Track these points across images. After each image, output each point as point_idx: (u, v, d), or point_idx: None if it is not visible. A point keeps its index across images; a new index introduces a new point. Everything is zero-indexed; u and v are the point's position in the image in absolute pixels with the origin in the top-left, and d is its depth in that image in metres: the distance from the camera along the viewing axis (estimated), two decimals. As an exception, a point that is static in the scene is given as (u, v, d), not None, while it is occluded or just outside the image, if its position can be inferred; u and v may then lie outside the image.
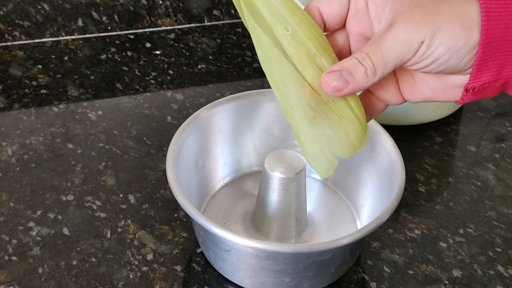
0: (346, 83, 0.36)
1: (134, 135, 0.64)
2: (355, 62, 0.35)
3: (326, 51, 0.37)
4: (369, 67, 0.35)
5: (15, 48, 0.76)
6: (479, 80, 0.36)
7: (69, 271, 0.49)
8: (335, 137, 0.39)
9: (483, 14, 0.34)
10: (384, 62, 0.35)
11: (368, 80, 0.36)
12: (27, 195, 0.56)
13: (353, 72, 0.35)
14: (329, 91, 0.36)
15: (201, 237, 0.49)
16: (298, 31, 0.36)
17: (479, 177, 0.62)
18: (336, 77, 0.36)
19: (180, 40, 0.81)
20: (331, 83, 0.36)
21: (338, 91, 0.36)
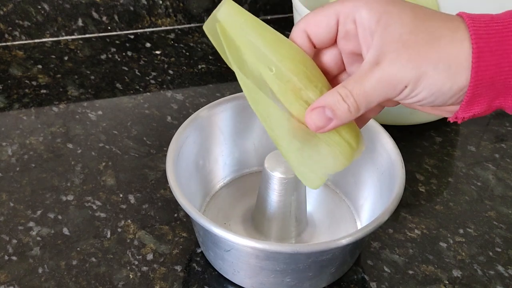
0: (329, 121, 0.36)
1: (134, 135, 0.64)
2: (338, 99, 0.36)
3: (312, 82, 0.38)
4: (351, 105, 0.35)
5: (15, 48, 0.76)
6: (468, 112, 0.36)
7: (69, 271, 0.49)
8: (324, 161, 0.39)
9: (475, 56, 0.33)
10: (367, 101, 0.35)
11: (351, 116, 0.36)
12: (27, 195, 0.56)
13: (336, 109, 0.36)
14: (313, 129, 0.37)
15: (201, 237, 0.49)
16: (281, 68, 0.37)
17: (479, 177, 0.62)
18: (318, 116, 0.36)
19: (180, 40, 0.81)
20: (313, 122, 0.37)
21: (321, 128, 0.37)
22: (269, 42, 0.37)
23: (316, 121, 0.37)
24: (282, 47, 0.38)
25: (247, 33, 0.37)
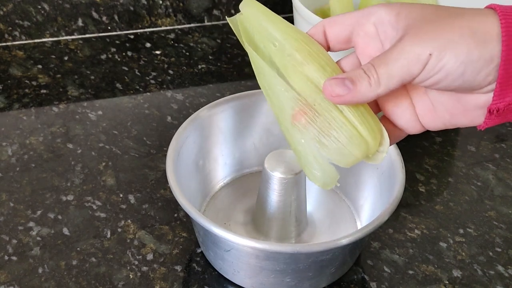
0: (347, 90, 0.35)
1: (134, 135, 0.64)
2: (359, 72, 0.35)
3: (315, 59, 0.38)
4: (373, 78, 0.34)
5: (15, 48, 0.76)
6: (503, 100, 0.33)
7: (69, 271, 0.49)
8: (329, 146, 0.38)
9: (504, 29, 0.32)
10: (389, 73, 0.34)
11: (371, 91, 0.34)
12: (27, 195, 0.56)
13: (356, 81, 0.34)
14: (328, 95, 0.36)
15: (201, 237, 0.49)
16: (285, 45, 0.38)
17: (479, 177, 0.62)
18: (337, 84, 0.35)
19: (180, 40, 0.81)
20: (330, 88, 0.35)
21: (338, 97, 0.35)
22: (278, 25, 0.39)
23: (334, 87, 0.35)
24: (289, 30, 0.39)
25: (261, 18, 0.39)
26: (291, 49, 0.38)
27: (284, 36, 0.38)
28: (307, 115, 0.37)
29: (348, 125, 0.37)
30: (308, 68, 0.37)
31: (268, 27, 0.39)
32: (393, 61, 0.33)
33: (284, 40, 0.38)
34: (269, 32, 0.39)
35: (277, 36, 0.38)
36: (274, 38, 0.38)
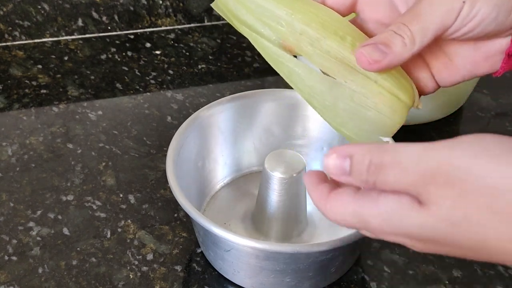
0: (383, 55, 0.32)
1: (134, 135, 0.64)
2: (390, 34, 0.32)
3: (330, 29, 0.34)
4: (406, 36, 0.32)
5: (15, 48, 0.76)
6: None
7: (69, 271, 0.49)
8: (372, 119, 0.35)
9: None
10: (423, 28, 0.32)
11: (407, 50, 0.32)
12: (27, 195, 0.56)
13: (390, 43, 0.32)
14: (366, 64, 0.33)
15: (201, 237, 0.49)
16: (293, 23, 0.34)
17: (479, 177, 0.61)
18: (372, 50, 0.33)
19: (180, 40, 0.81)
20: (368, 55, 0.33)
21: (376, 63, 0.33)
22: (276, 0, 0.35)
23: (369, 54, 0.33)
24: (291, 1, 0.35)
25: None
26: (302, 26, 0.34)
27: (288, 12, 0.34)
28: (332, 91, 0.34)
29: (386, 94, 0.35)
30: (327, 43, 0.34)
31: (266, 5, 0.35)
32: (425, 14, 0.32)
33: (290, 17, 0.34)
34: (271, 11, 0.35)
35: (282, 14, 0.35)
36: (278, 17, 0.35)
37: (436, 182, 0.26)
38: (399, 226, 0.26)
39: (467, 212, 0.25)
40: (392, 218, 0.27)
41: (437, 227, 0.26)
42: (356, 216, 0.28)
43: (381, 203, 0.27)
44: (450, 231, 0.25)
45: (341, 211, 0.29)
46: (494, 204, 0.24)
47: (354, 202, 0.28)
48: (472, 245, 0.25)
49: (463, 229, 0.25)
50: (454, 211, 0.25)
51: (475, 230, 0.25)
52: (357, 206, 0.28)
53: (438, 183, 0.25)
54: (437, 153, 0.26)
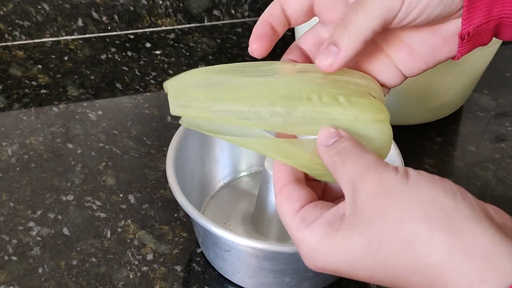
0: (335, 55, 0.33)
1: (134, 135, 0.64)
2: (338, 30, 0.33)
3: (295, 97, 0.34)
4: (352, 27, 0.33)
5: (15, 48, 0.76)
6: (471, 23, 0.33)
7: (69, 271, 0.49)
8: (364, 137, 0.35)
9: None
10: (367, 18, 0.33)
11: (356, 41, 0.33)
12: (27, 195, 0.56)
13: (338, 39, 0.33)
14: (324, 69, 0.34)
15: (201, 237, 0.49)
16: (258, 110, 0.33)
17: (479, 177, 0.62)
18: (324, 54, 0.34)
19: (180, 40, 0.81)
20: (321, 63, 0.34)
21: (332, 65, 0.34)
22: (229, 97, 0.33)
23: (323, 60, 0.34)
24: (241, 92, 0.34)
25: (205, 107, 0.33)
26: (268, 108, 0.33)
27: (248, 103, 0.33)
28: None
29: (369, 123, 0.35)
30: (299, 111, 0.33)
31: (223, 108, 0.33)
32: (370, 3, 0.32)
33: (251, 107, 0.33)
34: (230, 111, 0.33)
35: (242, 109, 0.33)
36: (240, 112, 0.33)
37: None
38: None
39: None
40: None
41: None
42: (291, 234, 0.32)
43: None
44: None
45: (283, 215, 0.33)
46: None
47: (292, 220, 0.32)
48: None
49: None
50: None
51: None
52: (292, 227, 0.32)
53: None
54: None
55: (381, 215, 0.28)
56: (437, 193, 0.28)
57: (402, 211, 0.27)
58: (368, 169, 0.30)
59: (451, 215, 0.27)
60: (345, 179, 0.31)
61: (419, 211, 0.27)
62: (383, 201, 0.28)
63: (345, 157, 0.31)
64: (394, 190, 0.28)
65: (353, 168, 0.30)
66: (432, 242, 0.26)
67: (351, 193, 0.30)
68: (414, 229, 0.27)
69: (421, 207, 0.27)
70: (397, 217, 0.27)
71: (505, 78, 0.78)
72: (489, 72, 0.72)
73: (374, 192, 0.29)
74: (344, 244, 0.29)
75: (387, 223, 0.28)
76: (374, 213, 0.28)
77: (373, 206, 0.28)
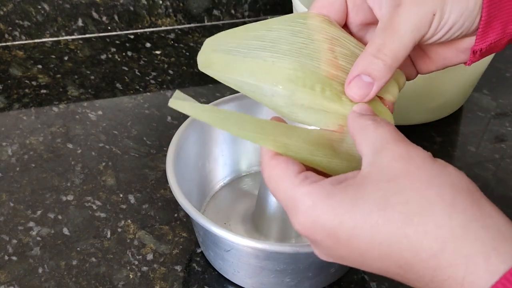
0: (370, 86, 0.34)
1: (134, 135, 0.64)
2: (370, 60, 0.34)
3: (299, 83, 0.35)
4: (386, 58, 0.34)
5: (15, 48, 0.76)
6: (485, 41, 0.36)
7: (69, 271, 0.49)
8: None
9: None
10: (401, 45, 0.34)
11: (390, 69, 0.34)
12: (27, 195, 0.56)
13: (372, 70, 0.34)
14: (358, 100, 0.35)
15: (201, 237, 0.49)
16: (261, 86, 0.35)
17: (479, 177, 0.62)
18: (357, 85, 0.34)
19: (180, 40, 0.81)
20: (355, 94, 0.35)
21: (366, 96, 0.35)
22: (241, 69, 0.36)
23: (358, 91, 0.34)
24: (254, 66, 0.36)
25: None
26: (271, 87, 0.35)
27: (255, 78, 0.35)
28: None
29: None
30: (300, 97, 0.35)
31: (239, 78, 0.36)
32: (403, 29, 0.34)
33: (258, 82, 0.35)
34: (243, 81, 0.35)
35: (250, 82, 0.35)
36: (248, 84, 0.35)
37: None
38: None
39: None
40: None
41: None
42: (288, 198, 0.33)
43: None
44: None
45: (279, 179, 0.33)
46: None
47: (293, 179, 0.32)
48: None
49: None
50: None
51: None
52: (292, 185, 0.32)
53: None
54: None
55: (408, 175, 0.28)
56: (463, 176, 0.30)
57: (430, 176, 0.28)
58: (400, 139, 0.30)
59: (473, 192, 0.30)
60: (372, 142, 0.31)
61: (446, 179, 0.29)
62: (412, 164, 0.29)
63: (380, 124, 0.32)
64: (424, 160, 0.29)
65: (386, 134, 0.31)
66: (455, 207, 0.28)
67: (373, 154, 0.30)
68: (441, 191, 0.28)
69: (448, 177, 0.29)
70: (424, 179, 0.28)
71: (505, 78, 0.78)
72: (489, 72, 0.72)
73: (402, 155, 0.29)
74: (356, 197, 0.28)
75: (413, 183, 0.28)
76: (400, 171, 0.28)
77: (400, 165, 0.29)
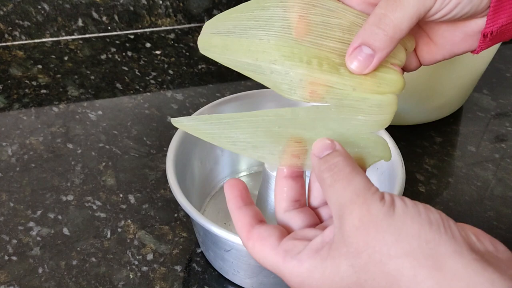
0: (370, 57, 0.33)
1: (134, 135, 0.64)
2: (371, 30, 0.33)
3: (296, 58, 0.35)
4: (388, 28, 0.32)
5: (15, 48, 0.76)
6: (496, 22, 0.34)
7: (69, 271, 0.49)
8: (358, 125, 0.36)
9: None
10: (406, 14, 0.32)
11: (392, 41, 0.33)
12: (27, 195, 0.56)
13: (373, 41, 0.33)
14: (358, 72, 0.34)
15: (201, 237, 0.49)
16: (260, 64, 0.35)
17: (479, 177, 0.62)
18: (357, 57, 0.33)
19: (180, 40, 0.81)
20: (355, 66, 0.33)
21: (367, 68, 0.33)
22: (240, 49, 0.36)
23: (357, 63, 0.33)
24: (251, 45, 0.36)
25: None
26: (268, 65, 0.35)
27: (253, 58, 0.35)
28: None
29: (367, 96, 0.35)
30: (296, 72, 0.34)
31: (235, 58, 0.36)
32: (405, 1, 0.32)
33: (256, 61, 0.35)
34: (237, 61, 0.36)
35: (248, 61, 0.35)
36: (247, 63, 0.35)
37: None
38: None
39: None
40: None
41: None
42: (276, 270, 0.32)
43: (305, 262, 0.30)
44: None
45: (262, 256, 0.32)
46: None
47: (275, 255, 0.31)
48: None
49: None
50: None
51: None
52: (277, 261, 0.31)
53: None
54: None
55: (368, 248, 0.28)
56: (423, 227, 0.28)
57: (388, 245, 0.28)
58: (357, 196, 0.30)
59: (435, 250, 0.27)
60: (334, 202, 0.30)
61: (404, 247, 0.27)
62: (371, 233, 0.28)
63: (335, 177, 0.31)
64: (380, 223, 0.28)
65: (342, 192, 0.30)
66: (417, 278, 0.27)
67: (339, 219, 0.30)
68: (400, 265, 0.27)
69: (407, 242, 0.27)
70: (383, 251, 0.28)
71: (505, 78, 0.78)
72: (489, 72, 0.72)
73: (362, 222, 0.29)
74: (333, 272, 0.29)
75: (374, 257, 0.28)
76: (361, 245, 0.28)
77: (360, 237, 0.28)
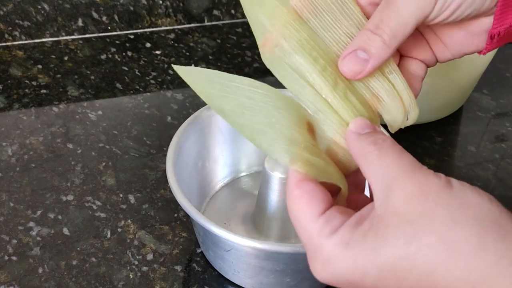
0: (364, 62, 0.32)
1: (134, 135, 0.64)
2: (367, 36, 0.32)
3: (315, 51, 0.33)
4: (385, 34, 0.32)
5: (15, 48, 0.76)
6: (503, 23, 0.33)
7: (69, 271, 0.49)
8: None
9: None
10: (400, 23, 0.32)
11: (388, 49, 0.32)
12: (27, 195, 0.56)
13: (369, 47, 0.32)
14: (350, 76, 0.33)
15: (201, 237, 0.49)
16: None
17: (479, 177, 0.62)
18: (351, 60, 0.32)
19: (180, 40, 0.81)
20: (348, 69, 0.32)
21: (359, 73, 0.32)
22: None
23: (351, 66, 0.32)
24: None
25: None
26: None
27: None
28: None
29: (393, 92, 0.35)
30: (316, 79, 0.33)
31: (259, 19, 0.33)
32: (403, 7, 0.31)
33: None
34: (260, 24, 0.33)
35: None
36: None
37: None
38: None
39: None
40: None
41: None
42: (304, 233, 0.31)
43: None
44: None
45: (297, 211, 0.31)
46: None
47: (314, 224, 0.30)
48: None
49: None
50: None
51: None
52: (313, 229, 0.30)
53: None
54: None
55: (427, 216, 0.26)
56: (483, 200, 0.27)
57: (451, 212, 0.26)
58: (412, 167, 0.28)
59: (498, 220, 0.26)
60: (380, 174, 0.28)
61: (469, 213, 0.26)
62: (429, 202, 0.26)
63: (383, 151, 0.29)
64: (441, 191, 0.27)
65: (393, 164, 0.28)
66: (482, 246, 0.25)
67: (384, 192, 0.28)
68: (468, 232, 0.25)
69: (471, 209, 0.26)
70: (445, 217, 0.26)
71: (505, 78, 0.78)
72: (489, 72, 0.72)
73: (414, 194, 0.27)
74: (377, 246, 0.27)
75: (434, 224, 0.26)
76: (417, 213, 0.26)
77: (415, 206, 0.26)
